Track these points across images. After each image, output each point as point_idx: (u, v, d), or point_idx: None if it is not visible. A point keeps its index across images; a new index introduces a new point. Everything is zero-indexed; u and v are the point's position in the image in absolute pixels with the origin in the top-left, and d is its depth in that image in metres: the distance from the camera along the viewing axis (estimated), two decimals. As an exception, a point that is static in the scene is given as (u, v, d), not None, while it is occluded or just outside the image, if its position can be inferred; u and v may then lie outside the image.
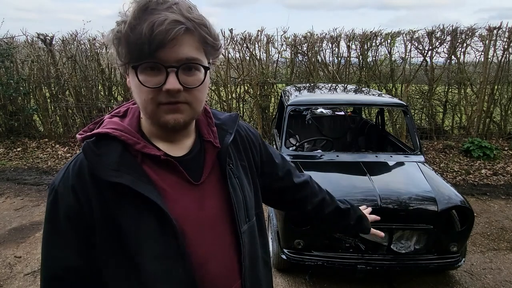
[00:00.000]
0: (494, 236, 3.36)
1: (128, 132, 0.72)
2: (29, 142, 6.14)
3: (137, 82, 0.66)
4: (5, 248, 3.13)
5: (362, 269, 2.37)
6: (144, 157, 0.71)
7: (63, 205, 0.69)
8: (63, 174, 0.71)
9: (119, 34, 0.64)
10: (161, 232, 0.69)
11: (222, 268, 0.77)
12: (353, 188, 2.58)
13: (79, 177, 0.69)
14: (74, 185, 0.69)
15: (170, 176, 0.73)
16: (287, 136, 3.52)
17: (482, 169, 5.00)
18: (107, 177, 0.66)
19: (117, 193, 0.68)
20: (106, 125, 0.73)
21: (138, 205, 0.68)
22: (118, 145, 0.70)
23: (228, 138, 0.81)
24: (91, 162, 0.67)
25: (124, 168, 0.68)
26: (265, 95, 6.10)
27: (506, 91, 5.99)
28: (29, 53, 6.22)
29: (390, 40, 5.99)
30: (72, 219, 0.69)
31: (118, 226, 0.68)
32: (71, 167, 0.71)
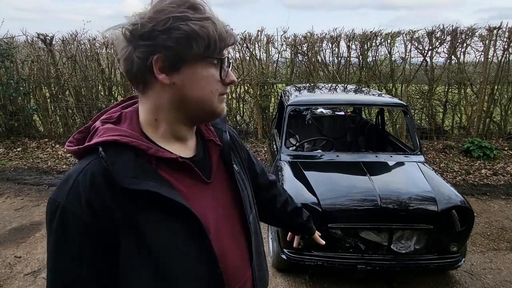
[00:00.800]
0: (494, 236, 3.36)
1: (136, 138, 0.69)
2: (29, 142, 6.14)
3: (211, 74, 0.69)
4: (5, 248, 3.13)
5: (362, 269, 2.37)
6: (159, 162, 0.70)
7: (77, 222, 0.64)
8: (70, 189, 0.65)
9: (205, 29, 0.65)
10: (189, 234, 0.70)
11: (238, 259, 0.81)
12: (353, 188, 2.58)
13: (95, 190, 0.64)
14: (89, 199, 0.63)
15: (185, 177, 0.73)
16: (287, 136, 3.52)
17: (482, 169, 5.00)
18: (129, 185, 0.63)
19: (140, 201, 0.65)
20: (104, 133, 0.68)
21: (163, 210, 0.67)
22: (129, 152, 0.67)
23: (226, 136, 0.85)
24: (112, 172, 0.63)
25: (142, 175, 0.66)
26: (265, 95, 6.10)
27: (506, 91, 6.00)
28: (29, 53, 6.23)
29: (390, 40, 5.99)
30: (90, 235, 0.64)
31: (143, 234, 0.66)
32: (80, 180, 0.65)
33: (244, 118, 6.50)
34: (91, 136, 0.71)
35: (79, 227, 0.64)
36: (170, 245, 0.68)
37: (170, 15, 0.63)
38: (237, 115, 6.43)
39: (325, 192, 2.49)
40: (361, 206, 2.41)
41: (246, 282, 0.82)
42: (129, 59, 0.67)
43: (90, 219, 0.63)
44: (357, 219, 2.41)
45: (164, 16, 0.63)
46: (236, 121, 6.39)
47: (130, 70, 0.68)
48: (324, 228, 2.39)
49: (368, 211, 2.37)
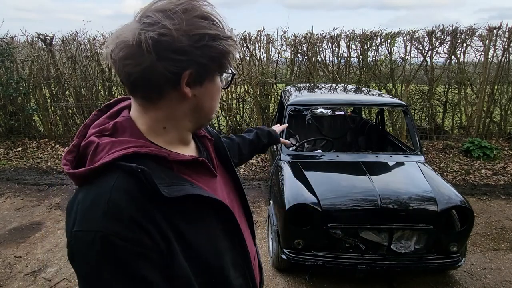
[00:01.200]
0: (494, 236, 3.36)
1: (152, 146, 0.67)
2: (29, 142, 6.14)
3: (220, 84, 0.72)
4: (5, 248, 3.13)
5: (362, 269, 2.37)
6: (179, 166, 0.70)
7: (129, 246, 0.57)
8: (105, 213, 0.57)
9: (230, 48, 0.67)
10: (224, 227, 0.74)
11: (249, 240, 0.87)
12: (353, 188, 2.58)
13: (137, 207, 0.59)
14: (133, 217, 0.58)
15: (201, 175, 0.75)
16: (287, 136, 3.52)
17: (482, 169, 5.00)
18: (173, 194, 0.61)
19: (179, 208, 0.65)
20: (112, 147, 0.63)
21: (202, 210, 0.70)
22: (151, 162, 0.64)
23: (212, 130, 0.91)
24: (155, 185, 0.60)
25: (175, 181, 0.65)
26: (265, 95, 6.09)
27: (506, 91, 6.00)
28: (29, 53, 6.22)
29: (390, 40, 5.99)
30: (147, 256, 0.58)
31: (188, 239, 0.65)
32: (116, 200, 0.58)
33: (244, 118, 6.49)
34: (93, 153, 0.64)
35: (129, 249, 0.57)
36: (210, 243, 0.71)
37: (204, 31, 0.63)
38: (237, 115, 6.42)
39: (325, 192, 2.49)
40: (361, 206, 2.41)
41: (255, 258, 0.91)
42: (148, 69, 0.62)
43: (139, 237, 0.58)
44: (357, 219, 2.41)
45: (198, 32, 0.62)
46: (236, 121, 6.39)
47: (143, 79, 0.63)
48: (324, 228, 2.39)
49: (368, 211, 2.38)
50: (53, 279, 2.71)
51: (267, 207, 3.71)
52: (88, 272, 0.58)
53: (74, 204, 0.61)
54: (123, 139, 0.66)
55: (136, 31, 0.61)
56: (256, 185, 4.52)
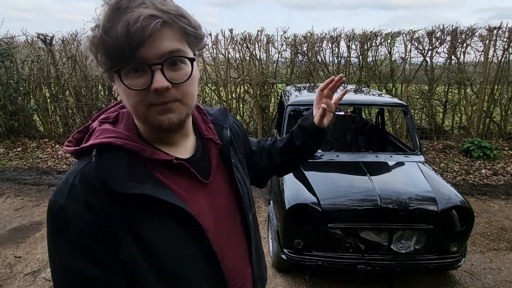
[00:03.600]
0: (494, 236, 3.36)
1: (131, 140, 0.68)
2: (29, 142, 6.14)
3: (123, 86, 0.63)
4: (5, 248, 3.13)
5: (362, 269, 2.37)
6: (154, 164, 0.69)
7: (78, 222, 0.63)
8: (69, 191, 0.64)
9: (95, 40, 0.60)
10: (188, 235, 0.69)
11: (238, 258, 0.81)
12: (353, 188, 2.58)
13: (91, 193, 0.63)
14: (87, 201, 0.63)
15: (181, 178, 0.72)
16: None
17: (482, 169, 5.00)
18: (125, 190, 0.62)
19: (137, 204, 0.65)
20: (100, 134, 0.68)
21: (161, 213, 0.66)
22: (124, 155, 0.66)
23: (227, 133, 0.83)
24: (106, 176, 0.63)
25: (138, 178, 0.65)
26: (265, 95, 6.09)
27: (506, 91, 6.00)
28: (29, 53, 6.22)
29: (390, 40, 5.99)
30: (92, 235, 0.63)
31: (143, 238, 0.65)
32: (77, 182, 0.64)
33: (244, 118, 6.49)
34: (88, 136, 0.69)
35: (81, 227, 0.62)
36: (170, 247, 0.68)
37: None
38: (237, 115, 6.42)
39: (325, 192, 2.49)
40: (361, 206, 2.41)
41: (246, 280, 0.83)
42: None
43: (90, 219, 0.62)
44: (357, 219, 2.41)
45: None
46: (236, 121, 6.39)
47: None
48: (324, 228, 2.39)
49: (368, 211, 2.37)
50: (53, 279, 2.71)
51: (267, 207, 3.71)
52: (49, 234, 0.66)
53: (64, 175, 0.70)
54: (110, 129, 0.69)
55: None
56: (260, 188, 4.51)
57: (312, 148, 1.07)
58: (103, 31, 0.59)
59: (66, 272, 0.64)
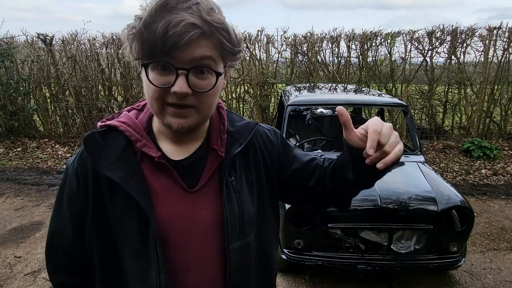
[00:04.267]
0: (494, 236, 3.36)
1: (135, 128, 0.73)
2: (29, 142, 6.13)
3: (146, 79, 0.65)
4: (5, 248, 3.13)
5: (362, 269, 2.37)
6: (143, 155, 0.72)
7: (68, 184, 0.76)
8: (74, 157, 0.76)
9: (134, 30, 0.62)
10: (142, 231, 0.70)
11: (204, 280, 0.74)
12: (353, 188, 2.57)
13: (82, 164, 0.74)
14: (77, 170, 0.74)
15: (164, 178, 0.72)
16: (287, 136, 3.52)
17: (482, 169, 5.00)
18: (102, 170, 0.70)
19: (111, 186, 0.71)
20: (120, 117, 0.76)
21: (126, 201, 0.70)
22: (124, 139, 0.72)
23: (236, 149, 0.77)
24: (90, 154, 0.71)
25: (121, 163, 0.70)
26: (265, 95, 6.09)
27: (506, 91, 6.00)
28: (29, 53, 6.22)
29: (390, 40, 6.00)
30: (71, 199, 0.75)
31: (107, 217, 0.71)
32: (80, 152, 0.76)
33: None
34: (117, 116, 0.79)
35: (68, 188, 0.76)
36: (124, 236, 0.71)
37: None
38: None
39: (325, 192, 2.49)
40: (361, 206, 2.41)
41: None
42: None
43: (75, 186, 0.74)
44: (357, 219, 2.41)
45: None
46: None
47: None
48: (324, 228, 2.39)
49: (368, 211, 2.37)
50: (53, 279, 2.71)
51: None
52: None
53: None
54: (128, 114, 0.77)
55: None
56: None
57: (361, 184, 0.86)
58: (143, 25, 0.61)
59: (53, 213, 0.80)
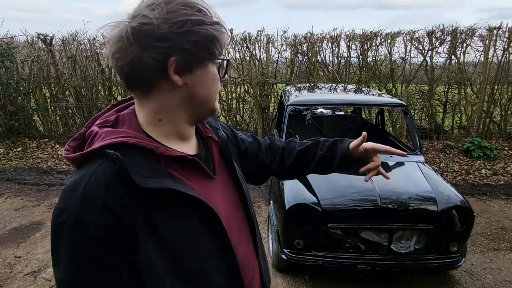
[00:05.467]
0: (494, 236, 3.36)
1: (143, 138, 0.68)
2: (29, 142, 6.14)
3: (215, 73, 0.72)
4: (5, 248, 3.13)
5: (362, 269, 2.37)
6: (167, 160, 0.69)
7: (96, 229, 0.60)
8: (81, 196, 0.60)
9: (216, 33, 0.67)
10: (207, 229, 0.71)
11: (247, 251, 0.84)
12: (353, 188, 2.58)
13: (111, 193, 0.61)
14: (106, 203, 0.60)
15: (193, 174, 0.73)
16: (287, 136, 3.52)
17: (482, 169, 5.00)
18: (148, 185, 0.62)
19: (157, 201, 0.64)
20: (105, 136, 0.66)
21: (181, 208, 0.67)
22: (138, 153, 0.65)
23: (222, 133, 0.87)
24: (130, 173, 0.61)
25: (155, 174, 0.65)
26: (265, 95, 6.09)
27: (506, 91, 5.99)
28: (29, 53, 6.22)
29: (390, 40, 5.99)
30: (112, 241, 0.61)
31: (163, 234, 0.65)
32: (93, 184, 0.61)
33: (244, 118, 6.50)
34: (90, 141, 0.68)
35: (98, 234, 0.60)
36: (190, 242, 0.68)
37: (186, 17, 0.63)
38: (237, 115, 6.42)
39: (325, 192, 2.49)
40: (361, 206, 2.41)
41: (255, 272, 0.86)
42: (134, 60, 0.64)
43: (110, 222, 0.60)
44: (357, 219, 2.41)
45: (180, 18, 0.63)
46: (236, 121, 6.39)
47: (133, 71, 0.65)
48: (324, 228, 2.39)
49: (368, 211, 2.38)
50: (53, 279, 2.71)
51: (267, 207, 3.71)
52: (57, 247, 0.62)
53: (67, 183, 0.65)
54: (117, 130, 0.68)
55: (121, 25, 0.64)
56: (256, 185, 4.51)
57: (329, 167, 1.04)
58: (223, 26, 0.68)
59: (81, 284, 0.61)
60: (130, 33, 0.62)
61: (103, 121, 0.72)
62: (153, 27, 0.62)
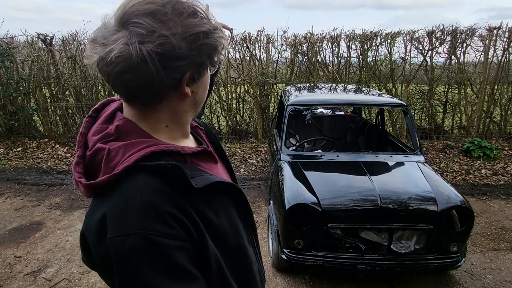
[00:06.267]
0: (494, 236, 3.36)
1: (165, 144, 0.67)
2: (29, 142, 6.14)
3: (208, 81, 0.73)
4: (5, 248, 3.13)
5: (362, 269, 2.37)
6: (191, 158, 0.71)
7: (167, 239, 0.56)
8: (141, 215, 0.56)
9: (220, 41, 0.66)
10: (239, 212, 0.77)
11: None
12: (353, 188, 2.58)
13: (169, 202, 0.59)
14: (172, 213, 0.58)
15: (210, 164, 0.77)
16: (287, 136, 3.52)
17: (482, 169, 5.00)
18: (200, 184, 0.63)
19: (205, 197, 0.66)
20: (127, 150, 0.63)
21: (223, 197, 0.72)
22: (168, 158, 0.64)
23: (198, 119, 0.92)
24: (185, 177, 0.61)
25: (195, 173, 0.67)
26: (265, 95, 6.09)
27: (506, 91, 5.99)
28: (29, 53, 6.22)
29: (390, 40, 5.99)
30: (186, 248, 0.59)
31: (217, 228, 0.67)
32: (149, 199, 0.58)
33: (244, 118, 6.50)
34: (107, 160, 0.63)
35: (175, 244, 0.57)
36: (232, 225, 0.73)
37: (197, 30, 0.61)
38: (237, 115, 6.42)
39: (325, 192, 2.49)
40: (361, 206, 2.41)
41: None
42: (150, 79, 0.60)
43: (180, 232, 0.58)
44: (357, 219, 2.41)
45: (192, 31, 0.61)
46: (236, 121, 6.39)
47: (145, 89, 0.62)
48: (324, 228, 2.39)
49: (368, 211, 2.38)
50: (53, 279, 2.71)
51: (267, 207, 3.71)
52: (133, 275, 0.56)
53: (96, 217, 0.60)
54: (134, 141, 0.64)
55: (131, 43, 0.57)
56: (256, 185, 4.52)
57: None
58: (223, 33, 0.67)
59: None
60: (154, 57, 0.57)
61: (102, 135, 0.67)
62: (172, 46, 0.59)
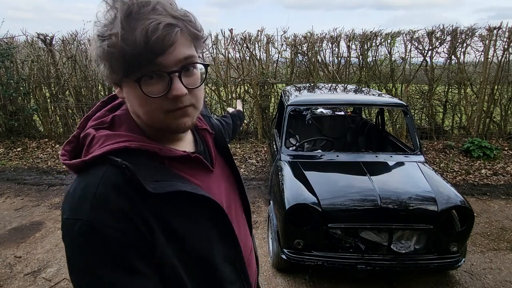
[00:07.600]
0: (494, 236, 3.36)
1: (144, 141, 0.66)
2: (29, 142, 6.14)
3: (140, 94, 0.62)
4: (5, 248, 3.13)
5: (362, 269, 2.37)
6: (171, 161, 0.69)
7: (112, 232, 0.57)
8: (93, 203, 0.58)
9: (112, 49, 0.58)
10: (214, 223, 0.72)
11: (245, 234, 0.88)
12: (353, 188, 2.58)
13: (124, 199, 0.59)
14: (121, 209, 0.58)
15: (196, 170, 0.74)
16: (287, 136, 3.52)
17: (482, 169, 5.00)
18: (161, 190, 0.61)
19: (168, 203, 0.64)
20: (105, 140, 0.64)
21: (194, 207, 0.68)
22: (141, 157, 0.64)
23: (214, 121, 0.90)
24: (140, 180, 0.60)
25: (163, 177, 0.64)
26: (265, 95, 6.10)
27: (506, 91, 5.99)
28: (29, 53, 6.22)
29: (390, 40, 5.99)
30: (130, 244, 0.58)
31: (175, 234, 0.64)
32: (102, 191, 0.59)
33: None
34: (88, 145, 0.65)
35: (117, 236, 0.57)
36: (203, 239, 0.70)
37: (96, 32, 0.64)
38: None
39: (325, 192, 2.49)
40: (361, 206, 2.41)
41: (251, 251, 0.91)
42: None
43: (127, 227, 0.58)
44: (357, 219, 2.41)
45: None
46: (236, 121, 6.39)
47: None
48: (324, 228, 2.39)
49: (368, 211, 2.38)
50: (53, 279, 2.71)
51: (267, 207, 3.71)
52: (75, 259, 0.59)
53: (70, 191, 0.62)
54: (117, 133, 0.66)
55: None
56: (256, 185, 4.52)
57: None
58: (121, 40, 0.57)
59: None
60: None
61: (98, 122, 0.69)
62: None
